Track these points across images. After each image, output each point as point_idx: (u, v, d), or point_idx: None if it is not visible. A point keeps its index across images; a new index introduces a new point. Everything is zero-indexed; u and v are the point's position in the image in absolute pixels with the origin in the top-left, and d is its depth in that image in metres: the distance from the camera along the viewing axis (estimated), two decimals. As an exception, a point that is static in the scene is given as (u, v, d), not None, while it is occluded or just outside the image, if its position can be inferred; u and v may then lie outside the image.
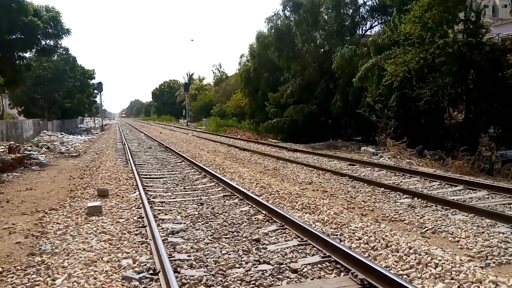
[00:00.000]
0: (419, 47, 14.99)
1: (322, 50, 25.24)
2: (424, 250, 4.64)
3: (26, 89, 32.13)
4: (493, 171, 11.99)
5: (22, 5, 14.78)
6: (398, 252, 4.69)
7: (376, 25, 24.08)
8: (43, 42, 16.56)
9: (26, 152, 16.14)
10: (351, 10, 23.79)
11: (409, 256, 4.53)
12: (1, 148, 16.82)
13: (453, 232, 5.56)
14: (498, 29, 29.48)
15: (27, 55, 17.71)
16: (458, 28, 15.22)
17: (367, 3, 23.36)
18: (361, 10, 23.86)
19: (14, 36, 15.33)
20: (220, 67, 66.23)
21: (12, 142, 18.82)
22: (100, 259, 4.70)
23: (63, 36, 16.86)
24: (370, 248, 4.90)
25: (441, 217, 6.31)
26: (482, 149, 14.34)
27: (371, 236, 5.26)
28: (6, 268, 4.53)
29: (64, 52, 35.91)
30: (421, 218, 6.33)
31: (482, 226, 5.81)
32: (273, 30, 26.27)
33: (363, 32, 24.58)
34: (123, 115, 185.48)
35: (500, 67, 14.15)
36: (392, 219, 6.39)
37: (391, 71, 15.31)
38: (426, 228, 5.81)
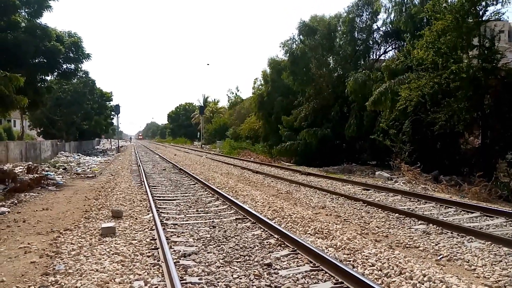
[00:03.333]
0: (433, 72, 14.99)
1: (336, 74, 25.45)
2: (439, 278, 4.55)
3: (46, 111, 33.02)
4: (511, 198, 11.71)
5: (46, 30, 15.38)
6: (412, 279, 4.61)
7: (389, 50, 24.26)
8: (64, 66, 17.06)
9: (43, 172, 16.46)
10: (364, 35, 24.03)
11: (423, 284, 4.45)
12: (20, 168, 17.22)
13: (469, 260, 5.44)
14: (514, 54, 29.28)
15: (49, 78, 18.31)
16: (473, 53, 15.20)
17: (381, 29, 23.62)
18: (374, 35, 24.11)
19: (37, 60, 15.90)
20: (238, 90, 67.30)
21: (31, 163, 19.25)
22: (112, 280, 4.74)
23: (84, 60, 17.36)
24: (383, 275, 4.83)
25: (456, 244, 6.19)
26: (500, 175, 14.05)
27: (385, 262, 5.18)
28: (21, 287, 4.60)
29: (84, 76, 36.93)
30: (436, 245, 6.22)
31: (500, 254, 5.67)
32: (288, 54, 26.71)
33: (377, 57, 24.74)
34: (139, 136, 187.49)
35: (516, 92, 14.01)
36: (407, 245, 6.29)
37: (405, 96, 15.30)
38: (441, 256, 5.70)
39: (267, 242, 6.38)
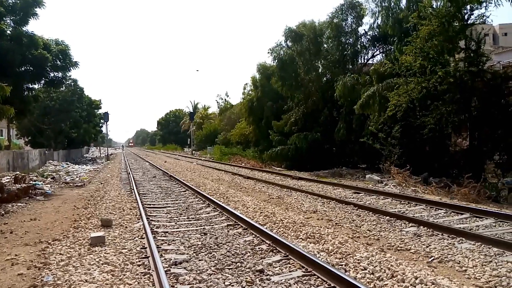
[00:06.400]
0: (420, 76, 15.16)
1: (324, 78, 25.61)
2: (431, 280, 4.57)
3: (34, 120, 32.59)
4: (500, 199, 11.86)
5: (32, 38, 15.25)
6: (404, 282, 4.62)
7: (377, 54, 24.47)
8: (52, 74, 16.93)
9: (31, 182, 16.19)
10: (352, 40, 24.20)
11: (415, 287, 4.47)
12: (7, 178, 16.91)
13: (460, 261, 5.47)
14: (499, 57, 29.89)
15: (36, 86, 18.10)
16: (459, 56, 15.42)
17: (368, 33, 23.80)
18: (362, 40, 24.29)
19: (23, 69, 15.72)
20: (227, 96, 67.38)
21: (18, 172, 18.93)
22: (102, 291, 4.65)
23: (71, 68, 17.26)
24: (375, 279, 4.83)
25: (447, 246, 6.22)
26: (488, 176, 14.23)
27: (377, 266, 5.19)
28: (8, 300, 4.49)
29: (72, 84, 36.61)
30: (427, 247, 6.25)
31: (490, 255, 5.72)
32: (276, 60, 26.77)
33: (365, 61, 24.93)
34: (130, 143, 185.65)
35: (502, 94, 14.24)
36: (398, 248, 6.31)
37: (394, 102, 15.42)
38: (432, 257, 5.72)
39: (259, 248, 6.34)
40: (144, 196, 12.96)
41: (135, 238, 7.22)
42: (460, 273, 5.10)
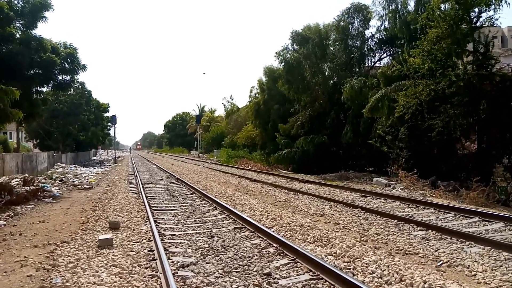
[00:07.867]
0: (429, 79, 15.07)
1: (331, 81, 25.55)
2: (440, 284, 4.53)
3: (42, 123, 32.87)
4: (510, 202, 11.73)
5: (41, 42, 15.37)
6: (412, 286, 4.59)
7: (385, 57, 24.38)
8: (60, 78, 17.00)
9: (40, 184, 16.34)
10: (358, 43, 24.15)
11: (424, 291, 4.41)
12: (16, 181, 17.08)
13: (469, 266, 5.41)
14: (508, 60, 29.58)
15: (44, 89, 18.24)
16: (467, 59, 15.30)
17: (375, 36, 23.73)
18: (369, 42, 24.22)
19: (32, 72, 15.85)
20: (232, 99, 67.63)
21: (27, 175, 19.11)
22: (110, 293, 4.67)
23: (79, 71, 17.34)
24: (384, 283, 4.80)
25: (456, 250, 6.17)
26: (497, 179, 14.08)
27: (385, 270, 5.15)
28: (17, 302, 4.53)
29: (80, 87, 36.88)
30: (435, 251, 6.20)
31: (500, 259, 5.66)
32: (282, 64, 26.76)
33: (372, 63, 24.86)
34: (138, 146, 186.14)
35: (511, 96, 14.09)
36: (406, 252, 6.26)
37: (403, 103, 15.34)
38: (441, 262, 5.67)
39: (266, 251, 6.33)
40: (152, 198, 13.01)
41: (142, 240, 7.24)
42: (470, 278, 5.05)
